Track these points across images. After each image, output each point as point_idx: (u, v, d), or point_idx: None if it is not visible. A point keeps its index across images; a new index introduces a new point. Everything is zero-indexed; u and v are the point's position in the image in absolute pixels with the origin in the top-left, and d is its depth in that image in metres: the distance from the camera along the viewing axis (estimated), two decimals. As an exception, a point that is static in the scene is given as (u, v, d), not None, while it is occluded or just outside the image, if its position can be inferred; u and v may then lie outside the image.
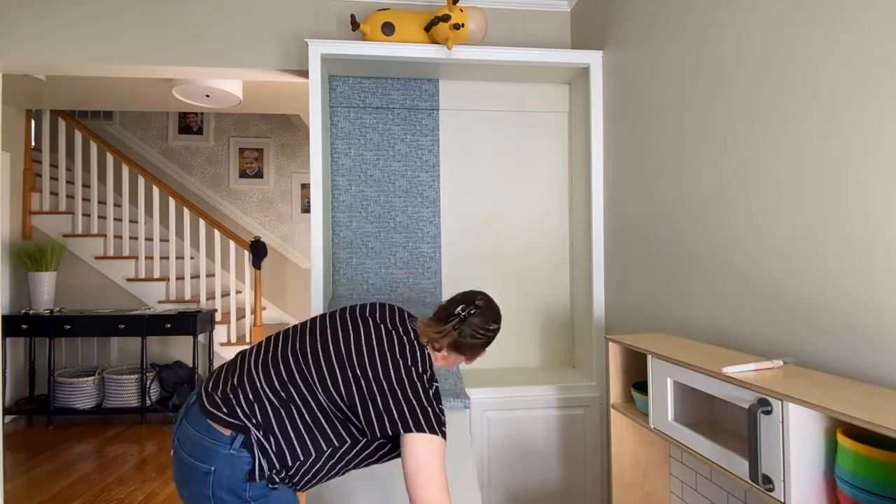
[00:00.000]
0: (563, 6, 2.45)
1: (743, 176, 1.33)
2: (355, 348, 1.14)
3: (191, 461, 1.10)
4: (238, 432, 1.08)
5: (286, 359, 1.16)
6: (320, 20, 2.32)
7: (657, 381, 1.28)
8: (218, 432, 1.09)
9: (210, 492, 1.08)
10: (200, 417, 1.12)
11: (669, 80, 1.66)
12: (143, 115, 5.43)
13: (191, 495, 1.11)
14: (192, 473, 1.10)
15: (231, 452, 1.08)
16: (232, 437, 1.09)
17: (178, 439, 1.14)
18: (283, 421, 1.10)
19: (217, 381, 1.17)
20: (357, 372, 1.11)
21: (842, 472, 0.83)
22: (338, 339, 1.17)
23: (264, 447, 1.09)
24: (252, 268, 4.51)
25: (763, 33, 1.26)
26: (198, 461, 1.09)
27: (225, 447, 1.08)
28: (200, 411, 1.12)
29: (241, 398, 1.11)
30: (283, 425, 1.10)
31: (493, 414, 2.03)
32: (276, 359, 1.16)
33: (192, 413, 1.14)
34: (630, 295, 1.92)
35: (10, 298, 4.12)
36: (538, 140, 2.40)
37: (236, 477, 1.08)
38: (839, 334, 1.06)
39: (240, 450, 1.08)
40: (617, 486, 1.55)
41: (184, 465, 1.11)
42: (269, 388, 1.12)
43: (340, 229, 2.27)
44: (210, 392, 1.15)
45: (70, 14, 2.20)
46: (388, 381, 1.10)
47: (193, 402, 1.16)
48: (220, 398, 1.12)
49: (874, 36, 0.98)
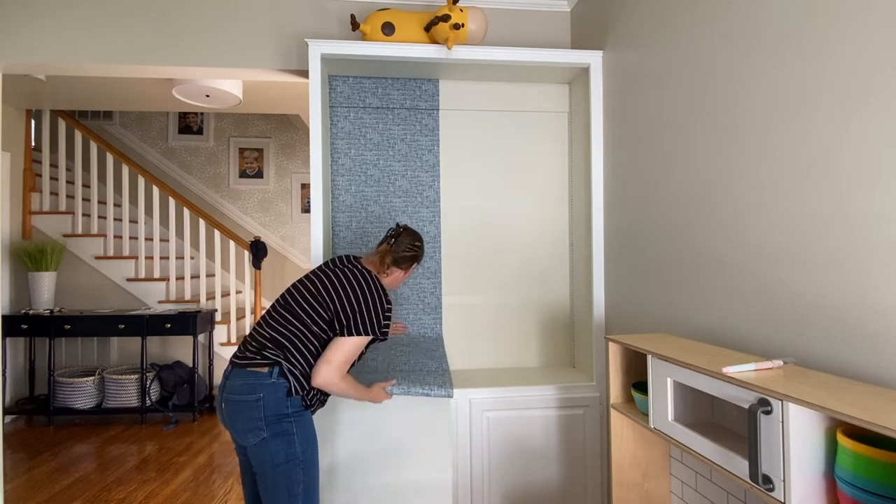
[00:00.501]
0: (563, 6, 2.45)
1: (743, 175, 1.33)
2: (325, 289, 1.59)
3: (241, 397, 1.47)
4: (273, 366, 1.49)
5: (287, 308, 1.59)
6: (320, 20, 2.32)
7: (657, 381, 1.28)
8: (257, 373, 1.49)
9: (261, 413, 1.46)
10: (239, 371, 1.50)
11: (670, 80, 1.66)
12: (143, 115, 5.43)
13: (245, 423, 1.46)
14: (244, 405, 1.46)
15: (273, 381, 1.48)
16: (270, 371, 1.48)
17: (225, 394, 1.50)
18: (298, 345, 1.52)
19: (242, 346, 1.58)
20: (329, 303, 1.57)
21: (842, 472, 0.83)
22: (316, 284, 1.61)
23: (293, 371, 1.50)
24: (252, 268, 4.51)
25: (764, 33, 1.26)
26: (247, 395, 1.46)
27: (267, 378, 1.48)
28: (238, 367, 1.51)
29: (266, 344, 1.52)
30: (298, 348, 1.52)
31: (493, 414, 2.03)
32: (280, 311, 1.59)
33: (231, 375, 1.52)
34: (630, 295, 1.92)
35: (10, 298, 4.12)
36: (538, 140, 2.40)
37: (279, 397, 1.48)
38: (839, 334, 1.06)
39: (278, 378, 1.48)
40: (617, 486, 1.55)
41: (235, 403, 1.47)
42: (282, 328, 1.55)
43: (340, 229, 2.27)
44: (240, 355, 1.55)
45: (70, 14, 2.21)
46: (350, 304, 1.56)
47: (230, 370, 1.54)
48: (251, 351, 1.53)
49: (877, 36, 0.98)
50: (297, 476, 1.49)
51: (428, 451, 1.78)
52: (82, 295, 4.26)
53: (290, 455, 1.48)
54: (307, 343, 1.54)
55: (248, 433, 1.47)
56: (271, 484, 1.47)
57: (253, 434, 1.46)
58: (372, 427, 1.78)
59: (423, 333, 2.31)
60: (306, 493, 1.51)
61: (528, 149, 2.39)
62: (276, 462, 1.47)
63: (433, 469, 1.78)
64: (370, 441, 1.78)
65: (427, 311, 2.31)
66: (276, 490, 1.47)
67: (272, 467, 1.47)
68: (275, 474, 1.47)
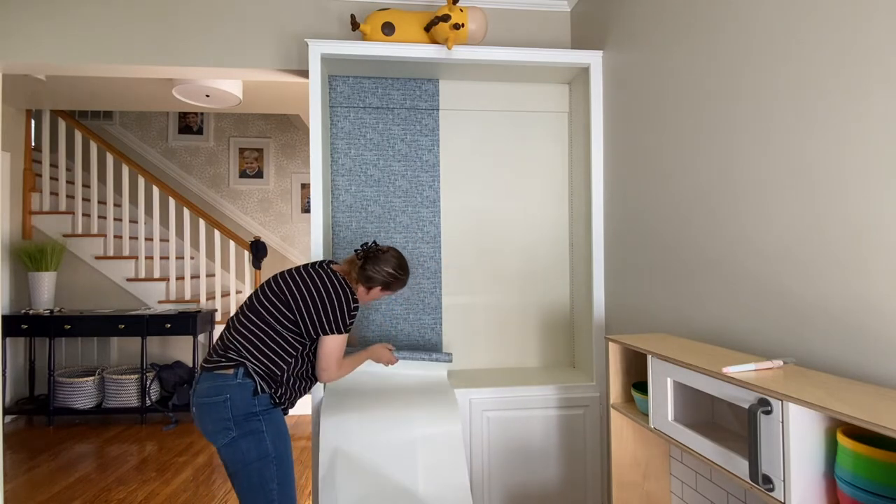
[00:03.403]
0: (563, 6, 2.45)
1: (743, 176, 1.33)
2: (290, 291, 1.62)
3: (209, 399, 1.51)
4: (238, 367, 1.53)
5: (252, 310, 1.62)
6: (320, 20, 2.32)
7: (657, 381, 1.28)
8: (223, 374, 1.53)
9: (229, 413, 1.50)
10: (207, 375, 1.54)
11: (670, 80, 1.66)
12: (143, 115, 5.43)
13: (214, 424, 1.50)
14: (212, 407, 1.50)
15: (238, 382, 1.52)
16: (235, 372, 1.52)
17: (195, 398, 1.55)
18: (260, 346, 1.56)
19: (211, 351, 1.63)
20: (293, 304, 1.60)
21: (842, 472, 0.83)
22: (281, 286, 1.64)
23: (258, 370, 1.54)
24: (252, 268, 4.52)
25: (765, 32, 1.26)
26: (215, 396, 1.51)
27: (233, 379, 1.52)
28: (206, 371, 1.55)
29: (230, 345, 1.57)
30: (261, 349, 1.56)
31: (493, 414, 2.03)
32: (245, 313, 1.63)
33: (200, 379, 1.56)
34: (630, 295, 1.92)
35: (10, 298, 4.12)
36: (538, 140, 2.40)
37: (246, 396, 1.51)
38: (839, 334, 1.06)
39: (244, 378, 1.52)
40: (617, 486, 1.55)
41: (204, 405, 1.51)
42: (246, 330, 1.59)
43: (340, 229, 2.27)
44: (208, 358, 1.60)
45: (70, 14, 2.20)
46: (316, 305, 1.60)
47: (199, 375, 1.58)
48: (217, 354, 1.58)
49: (879, 35, 0.98)
50: (270, 472, 1.51)
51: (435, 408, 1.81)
52: (82, 295, 4.26)
53: (261, 452, 1.51)
54: (270, 342, 1.57)
55: (217, 434, 1.50)
56: (245, 483, 1.50)
57: (222, 434, 1.50)
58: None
59: (423, 334, 2.31)
60: (281, 489, 1.53)
61: (528, 149, 2.39)
62: (248, 460, 1.50)
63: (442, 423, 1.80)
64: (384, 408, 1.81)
65: (427, 311, 2.31)
66: (250, 488, 1.50)
67: (244, 465, 1.50)
68: (248, 472, 1.50)
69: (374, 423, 1.74)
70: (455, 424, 1.78)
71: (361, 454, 1.70)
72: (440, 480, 1.72)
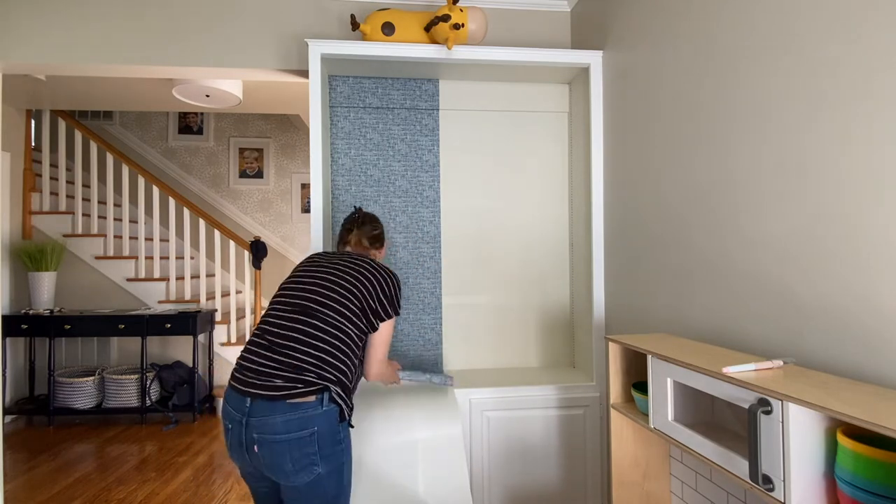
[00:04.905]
0: (563, 6, 2.45)
1: (743, 175, 1.33)
2: (347, 283, 1.46)
3: (290, 436, 1.25)
4: (321, 393, 1.30)
5: (309, 320, 1.38)
6: (320, 20, 2.32)
7: (657, 381, 1.28)
8: (302, 403, 1.27)
9: (316, 447, 1.28)
10: (274, 405, 1.27)
11: (670, 80, 1.66)
12: (143, 115, 5.43)
13: (296, 463, 1.27)
14: (295, 444, 1.26)
15: (325, 410, 1.29)
16: (319, 399, 1.29)
17: (258, 434, 1.27)
18: (339, 357, 1.35)
19: (261, 373, 1.32)
20: (359, 295, 1.45)
21: (842, 472, 0.83)
22: (331, 283, 1.46)
23: (340, 393, 1.32)
24: (252, 268, 4.51)
25: (765, 32, 1.26)
26: (298, 432, 1.26)
27: (318, 408, 1.28)
28: (270, 401, 1.27)
29: (303, 366, 1.31)
30: (340, 359, 1.35)
31: (493, 414, 2.03)
32: (307, 322, 1.38)
33: (256, 409, 1.28)
34: (630, 295, 1.92)
35: (10, 298, 4.12)
36: (538, 140, 2.40)
37: (332, 426, 1.31)
38: (839, 334, 1.06)
39: (329, 405, 1.30)
40: (617, 486, 1.55)
41: (282, 443, 1.26)
42: (316, 349, 1.34)
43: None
44: (264, 383, 1.29)
45: (70, 14, 2.20)
46: (377, 290, 1.48)
47: (249, 403, 1.29)
48: (284, 378, 1.29)
49: (878, 33, 0.98)
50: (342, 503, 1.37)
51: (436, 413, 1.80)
52: (82, 295, 4.26)
53: (340, 487, 1.35)
54: (346, 350, 1.39)
55: (300, 472, 1.28)
56: None
57: (306, 472, 1.28)
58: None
59: (422, 334, 2.31)
60: None
61: (528, 149, 2.39)
62: (328, 497, 1.32)
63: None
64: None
65: (427, 311, 2.31)
66: None
67: (322, 501, 1.32)
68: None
69: (375, 425, 1.74)
70: (455, 427, 1.78)
71: (362, 456, 1.70)
72: (440, 483, 1.72)
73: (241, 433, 1.29)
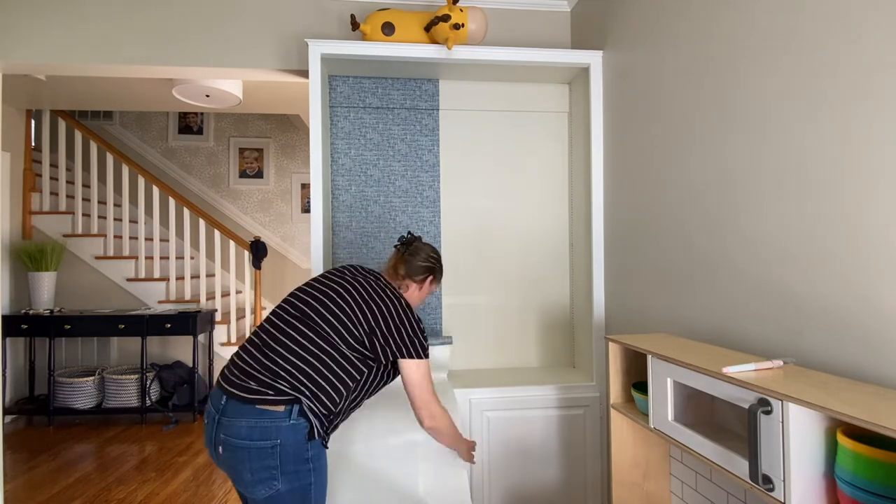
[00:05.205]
0: (563, 6, 2.45)
1: (742, 175, 1.33)
2: (354, 301, 1.36)
3: (252, 444, 1.20)
4: (292, 404, 1.23)
5: (301, 328, 1.32)
6: (320, 20, 2.32)
7: (657, 381, 1.28)
8: (271, 411, 1.22)
9: (277, 461, 1.21)
10: (243, 407, 1.22)
11: (670, 80, 1.66)
12: (143, 115, 5.43)
13: (254, 473, 1.21)
14: (255, 454, 1.21)
15: (292, 423, 1.22)
16: (288, 410, 1.22)
17: (224, 435, 1.23)
18: (323, 372, 1.27)
19: (242, 372, 1.28)
20: (362, 317, 1.34)
21: (842, 472, 0.83)
22: (338, 297, 1.37)
23: (315, 409, 1.25)
24: (252, 268, 4.51)
25: (763, 32, 1.26)
26: (259, 440, 1.20)
27: (285, 420, 1.22)
28: (241, 402, 1.23)
29: (279, 372, 1.25)
30: (324, 376, 1.27)
31: (493, 414, 2.03)
32: (296, 328, 1.32)
33: (229, 409, 1.24)
34: (630, 295, 1.92)
35: (10, 298, 4.12)
36: (538, 140, 2.40)
37: (299, 442, 1.23)
38: (839, 334, 1.06)
39: (297, 418, 1.23)
40: (617, 486, 1.55)
41: (243, 450, 1.21)
42: (304, 351, 1.28)
43: (340, 229, 2.27)
44: (241, 383, 1.25)
45: (70, 14, 2.20)
46: (387, 318, 1.36)
47: (224, 401, 1.25)
48: (259, 381, 1.25)
49: (877, 34, 0.98)
50: None
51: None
52: (82, 295, 4.26)
53: None
54: (335, 367, 1.29)
55: (258, 484, 1.22)
56: None
57: (264, 485, 1.22)
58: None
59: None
60: None
61: (528, 149, 2.39)
62: None
63: None
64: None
65: (427, 311, 2.31)
66: None
67: None
68: None
69: (374, 426, 1.74)
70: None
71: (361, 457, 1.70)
72: (440, 483, 1.72)
73: (213, 430, 1.26)
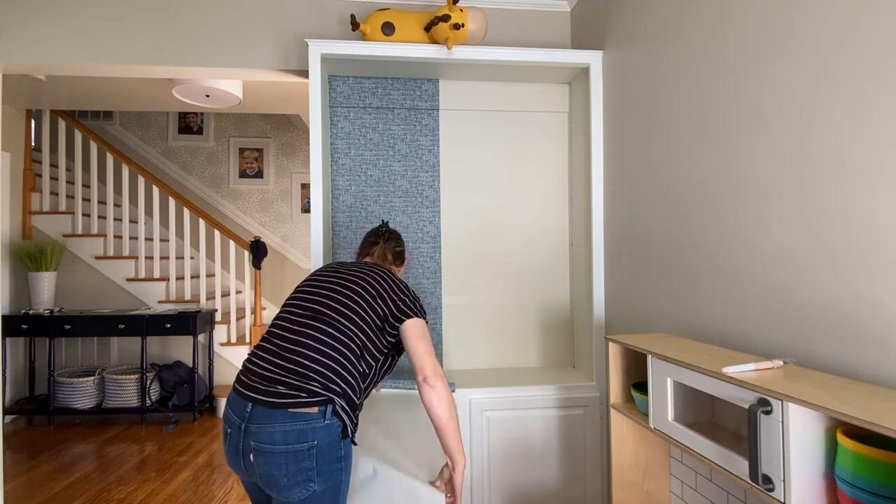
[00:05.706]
0: (563, 6, 2.45)
1: (743, 175, 1.33)
2: (359, 286, 1.41)
3: (288, 449, 1.20)
4: (325, 405, 1.23)
5: (319, 325, 1.33)
6: (320, 20, 2.32)
7: (657, 381, 1.28)
8: (304, 414, 1.21)
9: (314, 462, 1.21)
10: (274, 413, 1.22)
11: (670, 80, 1.66)
12: (143, 115, 5.43)
13: (291, 477, 1.21)
14: (292, 457, 1.20)
15: (326, 423, 1.22)
16: (321, 411, 1.23)
17: (256, 442, 1.22)
18: (348, 367, 1.28)
19: (265, 378, 1.27)
20: (372, 294, 1.39)
21: (842, 472, 0.83)
22: (342, 288, 1.41)
23: (344, 407, 1.25)
24: (252, 268, 4.51)
25: (765, 32, 1.26)
26: (297, 444, 1.20)
27: (319, 421, 1.22)
28: (271, 408, 1.22)
29: (308, 373, 1.25)
30: (345, 374, 1.28)
31: (493, 414, 2.03)
32: (317, 327, 1.33)
33: (257, 415, 1.23)
34: (630, 295, 1.92)
35: (10, 298, 4.12)
36: (538, 140, 2.40)
37: (333, 442, 1.24)
38: (839, 334, 1.06)
39: (331, 418, 1.23)
40: (617, 486, 1.55)
41: (279, 455, 1.20)
42: (324, 355, 1.28)
43: (340, 229, 2.27)
44: (267, 388, 1.25)
45: (70, 14, 2.20)
46: (388, 288, 1.42)
47: (250, 408, 1.24)
48: (288, 385, 1.24)
49: (881, 33, 0.98)
50: None
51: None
52: (82, 295, 4.26)
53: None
54: (359, 365, 1.31)
55: (294, 487, 1.22)
56: None
57: (301, 487, 1.22)
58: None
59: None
60: None
61: (528, 149, 2.39)
62: None
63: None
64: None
65: (427, 310, 2.31)
66: None
67: None
68: None
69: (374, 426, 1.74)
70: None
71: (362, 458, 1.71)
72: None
73: (239, 439, 1.25)
